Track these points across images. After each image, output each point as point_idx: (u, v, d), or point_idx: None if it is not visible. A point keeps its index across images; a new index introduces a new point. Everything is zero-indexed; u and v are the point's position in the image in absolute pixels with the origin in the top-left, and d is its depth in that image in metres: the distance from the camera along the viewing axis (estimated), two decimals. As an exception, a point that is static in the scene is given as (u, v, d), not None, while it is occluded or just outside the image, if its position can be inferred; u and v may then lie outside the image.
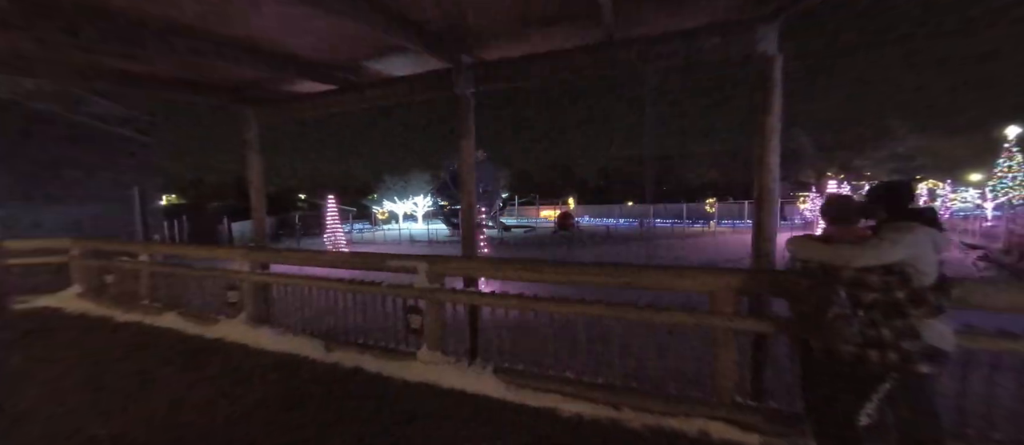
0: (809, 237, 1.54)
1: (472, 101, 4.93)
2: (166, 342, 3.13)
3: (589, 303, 1.91)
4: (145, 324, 3.47)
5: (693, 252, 13.10)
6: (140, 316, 3.56)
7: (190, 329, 3.19)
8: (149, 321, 3.48)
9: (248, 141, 6.50)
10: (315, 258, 2.72)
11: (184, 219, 19.80)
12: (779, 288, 1.60)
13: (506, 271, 2.09)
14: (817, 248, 1.49)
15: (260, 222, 6.71)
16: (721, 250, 13.70)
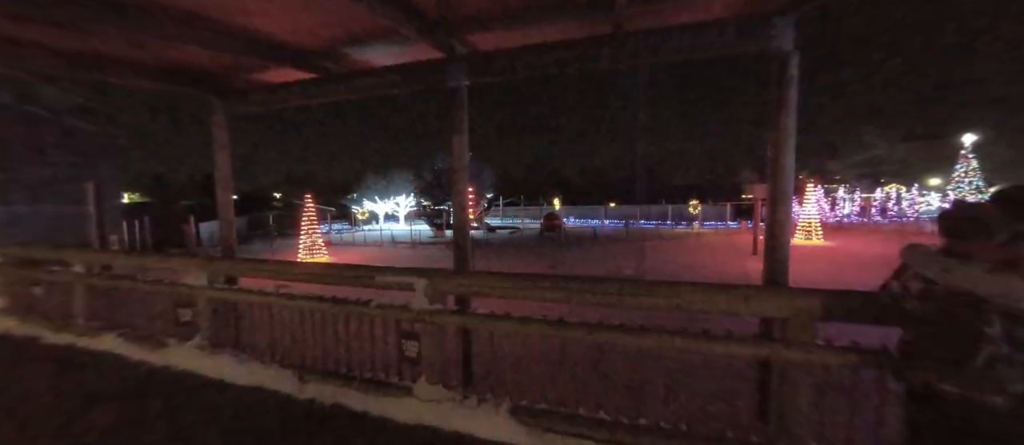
0: (943, 251, 1.21)
1: (466, 94, 4.57)
2: (102, 370, 2.60)
3: (630, 329, 1.56)
4: (79, 347, 2.90)
5: (688, 254, 13.06)
6: (74, 337, 2.97)
7: (133, 354, 2.65)
8: (84, 344, 2.90)
9: (215, 134, 5.89)
10: (289, 271, 2.25)
11: (146, 219, 18.51)
12: (877, 313, 1.31)
13: (529, 291, 1.71)
14: (959, 269, 1.16)
15: (228, 224, 6.05)
16: (715, 252, 13.73)
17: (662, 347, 1.59)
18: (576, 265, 11.14)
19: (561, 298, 1.65)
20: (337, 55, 4.73)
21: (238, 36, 3.90)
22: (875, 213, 26.35)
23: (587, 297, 1.63)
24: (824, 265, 10.82)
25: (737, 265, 11.31)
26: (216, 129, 5.85)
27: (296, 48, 4.51)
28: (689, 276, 9.12)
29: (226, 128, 5.95)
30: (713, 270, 10.06)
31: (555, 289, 1.66)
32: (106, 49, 4.28)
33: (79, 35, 3.85)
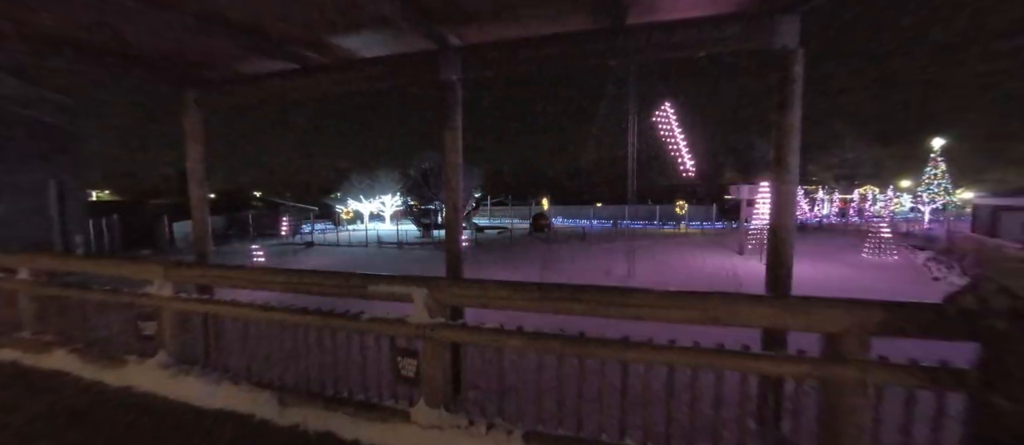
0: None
1: (459, 89, 4.35)
2: (51, 392, 2.27)
3: (661, 347, 1.37)
4: (24, 365, 2.55)
5: (679, 254, 13.10)
6: (18, 353, 2.61)
7: (87, 373, 2.33)
8: (30, 361, 2.55)
9: (188, 129, 5.49)
10: (267, 279, 1.96)
11: (115, 218, 17.54)
12: (946, 328, 1.16)
13: (543, 304, 1.46)
14: None
15: (201, 223, 5.65)
16: (704, 251, 13.82)
17: (698, 365, 1.42)
18: (569, 266, 11.02)
19: (582, 310, 1.45)
20: (320, 45, 4.43)
21: (212, 19, 3.57)
22: (853, 213, 27.22)
23: (611, 310, 1.44)
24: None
25: (726, 265, 11.42)
26: (188, 122, 5.45)
27: (275, 36, 4.20)
28: (683, 275, 9.11)
29: (200, 121, 5.57)
30: (704, 269, 10.11)
31: (573, 301, 1.46)
32: (68, 32, 3.88)
33: (30, 10, 3.45)
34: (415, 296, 1.60)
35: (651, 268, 10.89)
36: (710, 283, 8.85)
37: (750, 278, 9.60)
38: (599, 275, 9.94)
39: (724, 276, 9.82)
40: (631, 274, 10.06)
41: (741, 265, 11.75)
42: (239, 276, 2.02)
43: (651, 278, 9.55)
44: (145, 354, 2.29)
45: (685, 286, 8.63)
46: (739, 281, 9.14)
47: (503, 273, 10.49)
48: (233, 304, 2.00)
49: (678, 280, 9.18)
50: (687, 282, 8.87)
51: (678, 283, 8.75)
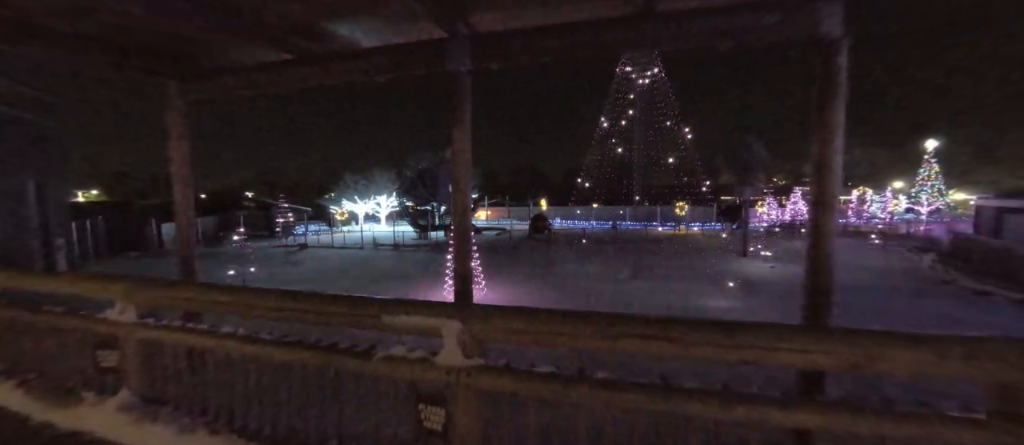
0: None
1: (469, 80, 3.99)
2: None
3: (776, 400, 1.01)
4: None
5: (681, 256, 12.78)
6: None
7: (35, 411, 1.92)
8: None
9: (171, 124, 5.06)
10: (253, 303, 1.54)
11: (100, 220, 16.88)
12: None
13: (621, 341, 1.11)
14: None
15: (186, 227, 5.20)
16: (706, 254, 13.51)
17: (827, 424, 1.05)
18: (574, 270, 10.67)
19: (673, 352, 1.08)
20: (316, 33, 4.02)
21: (198, 3, 3.17)
22: (851, 215, 27.18)
23: (707, 350, 1.08)
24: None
25: (733, 268, 11.15)
26: (173, 116, 5.02)
27: (267, 22, 3.80)
28: (691, 278, 8.80)
29: (184, 116, 5.15)
30: (712, 272, 9.81)
31: (662, 339, 1.08)
32: (39, 18, 3.46)
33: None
34: (445, 331, 1.21)
35: (659, 271, 10.59)
36: (721, 285, 8.53)
37: (761, 281, 9.34)
38: (609, 282, 9.60)
39: (733, 279, 9.54)
40: (636, 276, 9.75)
41: (747, 267, 11.50)
42: (218, 299, 1.63)
43: (658, 281, 9.23)
44: (105, 390, 1.89)
45: (695, 289, 8.32)
46: (749, 284, 8.87)
47: (508, 278, 10.10)
48: (211, 334, 1.61)
49: (687, 282, 8.87)
50: (697, 285, 8.56)
51: (688, 286, 8.44)
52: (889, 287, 8.62)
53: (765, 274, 10.43)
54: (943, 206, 27.52)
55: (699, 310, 6.93)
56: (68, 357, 1.98)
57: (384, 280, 10.17)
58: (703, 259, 13.12)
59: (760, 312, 6.85)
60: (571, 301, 7.57)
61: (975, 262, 11.36)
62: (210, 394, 1.64)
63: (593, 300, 7.65)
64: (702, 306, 7.20)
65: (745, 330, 1.07)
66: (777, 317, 6.51)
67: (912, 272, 10.99)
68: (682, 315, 5.87)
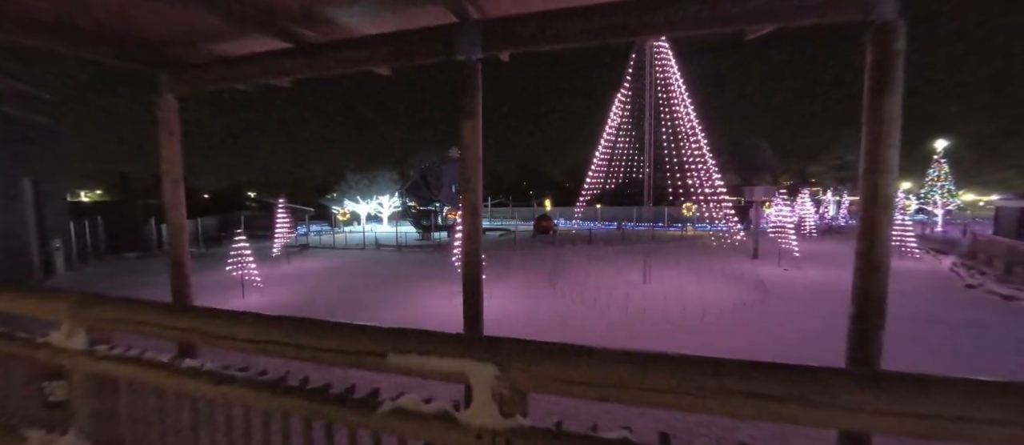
0: None
1: (479, 69, 3.67)
2: None
3: None
4: None
5: (691, 256, 12.38)
6: None
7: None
8: None
9: (161, 118, 4.76)
10: (223, 331, 1.19)
11: (99, 220, 16.66)
12: None
13: (734, 403, 0.70)
14: None
15: (178, 226, 4.90)
16: (717, 255, 13.11)
17: None
18: (583, 272, 10.32)
19: (809, 421, 0.73)
20: (315, 18, 3.71)
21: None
22: (863, 216, 26.51)
23: (857, 418, 0.73)
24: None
25: (746, 269, 10.76)
26: (164, 111, 4.71)
27: (262, 8, 3.49)
28: (707, 281, 8.37)
29: (176, 111, 4.86)
30: (725, 275, 9.41)
31: (770, 401, 0.74)
32: (22, 5, 3.17)
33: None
34: (474, 378, 0.87)
35: (672, 274, 10.21)
36: (737, 289, 8.15)
37: (776, 285, 8.97)
38: (621, 285, 9.24)
39: (749, 282, 9.16)
40: (648, 279, 9.38)
41: (760, 270, 11.11)
42: (176, 325, 1.29)
43: (672, 285, 8.86)
44: (52, 428, 1.57)
45: (709, 291, 7.94)
46: (766, 288, 8.50)
47: (514, 282, 9.75)
48: (170, 369, 1.27)
49: (703, 286, 8.50)
50: (711, 287, 8.19)
51: (701, 289, 8.07)
52: (912, 292, 8.24)
53: (779, 277, 10.07)
54: (953, 207, 26.99)
55: (718, 315, 6.57)
56: (13, 387, 1.66)
57: (386, 285, 9.81)
58: (714, 261, 12.73)
59: (782, 315, 6.51)
60: (586, 308, 7.22)
61: (999, 265, 10.94)
62: (170, 441, 1.31)
63: (611, 306, 7.30)
64: (720, 311, 6.84)
65: (948, 388, 0.70)
66: (805, 320, 6.15)
67: (934, 275, 10.58)
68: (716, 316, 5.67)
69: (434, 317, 6.68)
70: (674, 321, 6.39)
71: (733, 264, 12.12)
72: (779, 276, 10.31)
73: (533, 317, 6.69)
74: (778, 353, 4.95)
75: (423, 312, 7.14)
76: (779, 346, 5.21)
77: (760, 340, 5.50)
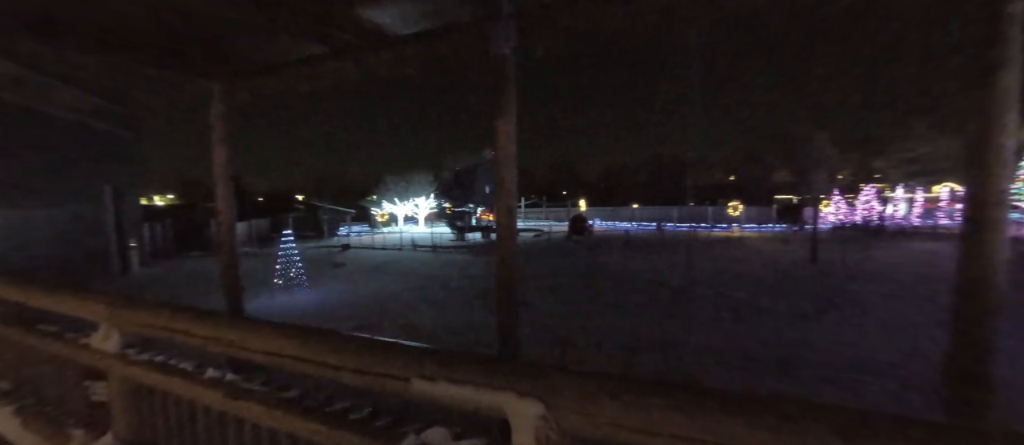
0: None
1: (514, 63, 3.49)
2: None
3: None
4: None
5: (743, 262, 11.48)
6: None
7: (26, 444, 1.71)
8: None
9: (214, 125, 5.05)
10: (241, 339, 1.15)
11: (168, 222, 18.31)
12: None
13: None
14: None
15: (228, 227, 5.18)
16: (770, 259, 12.07)
17: None
18: (623, 277, 9.90)
19: None
20: (348, 20, 3.73)
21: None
22: (941, 216, 23.65)
23: None
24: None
25: (800, 275, 9.83)
26: (215, 119, 4.99)
27: (302, 13, 3.55)
28: (752, 285, 7.57)
29: (225, 118, 5.13)
30: (775, 280, 8.57)
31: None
32: (97, 23, 3.43)
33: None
34: (514, 416, 0.70)
35: (719, 280, 9.51)
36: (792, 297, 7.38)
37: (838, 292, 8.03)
38: (666, 290, 8.74)
39: (805, 290, 8.33)
40: (686, 279, 8.78)
41: (818, 275, 10.11)
42: (196, 332, 1.24)
43: (722, 289, 8.23)
44: (94, 427, 1.60)
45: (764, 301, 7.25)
46: (827, 297, 7.67)
47: (550, 288, 9.50)
48: (193, 378, 1.23)
49: (751, 290, 7.81)
50: (763, 295, 7.50)
51: (754, 296, 7.41)
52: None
53: (841, 284, 9.05)
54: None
55: (775, 328, 5.98)
56: (62, 385, 1.72)
57: (421, 286, 9.89)
58: (766, 266, 11.78)
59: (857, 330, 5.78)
60: (634, 320, 6.83)
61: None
62: (198, 436, 1.26)
63: (657, 317, 6.89)
64: (774, 323, 6.23)
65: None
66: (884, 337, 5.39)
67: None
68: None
69: (468, 320, 6.62)
70: (725, 326, 5.90)
71: (787, 268, 11.17)
72: (840, 282, 9.32)
73: (567, 323, 6.44)
74: (865, 380, 4.13)
75: (456, 312, 7.09)
76: (868, 373, 4.33)
77: (838, 367, 4.56)
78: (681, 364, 4.68)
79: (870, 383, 4.11)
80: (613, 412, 0.68)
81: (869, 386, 4.05)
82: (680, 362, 4.75)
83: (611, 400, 0.67)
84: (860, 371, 4.41)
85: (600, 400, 0.68)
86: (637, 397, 0.67)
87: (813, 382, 4.20)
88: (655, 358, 4.89)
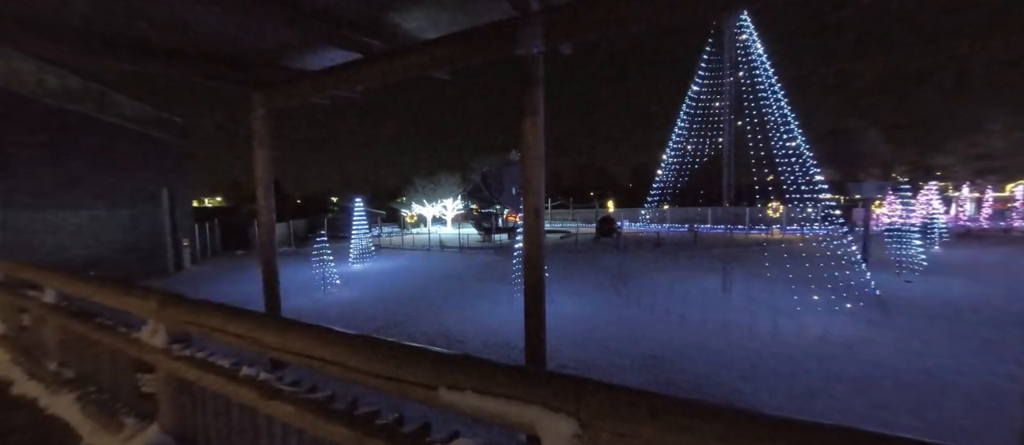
0: None
1: (541, 63, 3.46)
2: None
3: None
4: (39, 406, 2.15)
5: (796, 268, 10.75)
6: (41, 389, 2.24)
7: (86, 433, 1.81)
8: (46, 402, 2.15)
9: (256, 131, 5.35)
10: (271, 339, 1.18)
11: (216, 222, 19.57)
12: None
13: None
14: None
15: (267, 228, 5.49)
16: (825, 265, 11.25)
17: None
18: (655, 280, 9.57)
19: None
20: (379, 27, 3.83)
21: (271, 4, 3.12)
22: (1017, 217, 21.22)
23: None
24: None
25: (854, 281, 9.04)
26: (257, 125, 5.29)
27: (335, 22, 3.69)
28: (798, 290, 6.92)
29: (267, 124, 5.41)
30: (823, 284, 7.89)
31: None
32: (145, 34, 3.72)
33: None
34: (545, 433, 0.66)
35: (760, 285, 9.00)
36: (843, 303, 6.82)
37: (898, 299, 7.38)
38: (699, 296, 8.38)
39: (860, 296, 7.69)
40: (728, 290, 8.35)
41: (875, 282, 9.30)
42: (229, 329, 1.28)
43: (762, 295, 7.76)
44: (143, 417, 1.70)
45: (813, 311, 6.74)
46: (885, 303, 7.06)
47: (578, 290, 9.36)
48: (226, 375, 1.27)
49: (799, 296, 7.32)
50: (808, 301, 7.00)
51: (800, 301, 6.93)
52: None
53: (900, 290, 8.32)
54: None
55: (820, 337, 5.56)
56: (116, 375, 1.84)
57: (449, 286, 9.99)
58: (812, 270, 11.02)
59: (912, 347, 5.26)
60: (668, 326, 6.60)
61: None
62: (236, 435, 1.30)
63: (686, 318, 6.62)
64: (823, 332, 5.79)
65: None
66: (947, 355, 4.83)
67: None
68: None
69: (494, 321, 6.61)
70: (763, 339, 5.55)
71: (836, 273, 10.40)
72: (898, 287, 8.59)
73: (594, 326, 6.29)
74: (917, 409, 3.57)
75: (483, 314, 7.10)
76: (919, 402, 3.72)
77: (886, 389, 3.99)
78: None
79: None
80: (653, 433, 0.62)
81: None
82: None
83: (652, 420, 0.61)
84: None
85: (640, 420, 0.62)
86: (682, 418, 0.61)
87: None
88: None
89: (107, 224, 11.88)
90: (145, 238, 13.29)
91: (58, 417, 1.98)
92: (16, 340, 2.81)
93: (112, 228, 12.01)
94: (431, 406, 0.86)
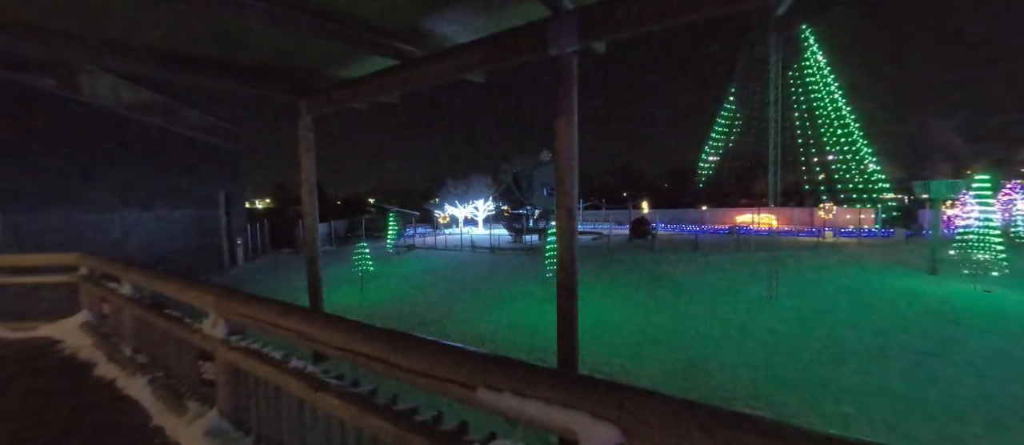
0: None
1: (575, 62, 3.40)
2: (114, 433, 1.99)
3: None
4: (117, 387, 2.40)
5: (850, 277, 9.87)
6: (118, 371, 2.51)
7: (155, 413, 2.00)
8: (122, 383, 2.40)
9: (301, 137, 5.67)
10: (319, 335, 1.23)
11: (265, 223, 20.95)
12: None
13: None
14: None
15: (312, 228, 5.81)
16: (875, 273, 10.23)
17: None
18: (693, 284, 9.17)
19: None
20: (414, 33, 3.95)
21: (316, 14, 3.31)
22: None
23: None
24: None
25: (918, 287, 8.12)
26: (303, 131, 5.60)
27: (375, 30, 3.84)
28: (852, 301, 6.23)
29: (312, 130, 5.71)
30: (902, 298, 7.09)
31: None
32: (208, 51, 4.07)
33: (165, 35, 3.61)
34: (587, 440, 0.65)
35: (809, 289, 8.35)
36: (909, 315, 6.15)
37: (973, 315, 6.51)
38: (742, 304, 7.94)
39: (927, 305, 6.95)
40: (773, 295, 7.81)
41: (942, 291, 8.38)
42: (281, 324, 1.36)
43: (808, 304, 7.21)
44: (206, 402, 1.85)
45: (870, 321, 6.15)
46: (956, 320, 6.31)
47: (612, 293, 9.14)
48: (277, 366, 1.35)
49: (852, 308, 6.72)
50: (862, 315, 6.40)
51: (853, 317, 6.36)
52: None
53: (976, 304, 7.39)
54: None
55: (881, 349, 5.08)
56: (182, 362, 2.02)
57: (480, 286, 10.08)
58: (871, 277, 10.15)
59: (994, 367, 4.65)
60: (708, 333, 6.32)
61: None
62: (289, 438, 1.38)
63: (731, 324, 6.29)
64: (884, 343, 5.28)
65: None
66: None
67: None
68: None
69: (525, 323, 6.59)
70: (815, 348, 5.16)
71: (900, 280, 9.50)
72: (973, 300, 7.68)
73: (630, 330, 6.11)
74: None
75: (513, 315, 7.10)
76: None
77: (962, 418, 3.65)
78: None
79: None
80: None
81: None
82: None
83: (702, 433, 0.58)
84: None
85: (689, 432, 0.59)
86: (733, 433, 0.57)
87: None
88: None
89: (172, 224, 13.04)
90: (204, 237, 14.49)
91: (132, 398, 2.22)
92: (98, 327, 3.16)
93: (176, 227, 13.18)
94: (468, 405, 0.87)
